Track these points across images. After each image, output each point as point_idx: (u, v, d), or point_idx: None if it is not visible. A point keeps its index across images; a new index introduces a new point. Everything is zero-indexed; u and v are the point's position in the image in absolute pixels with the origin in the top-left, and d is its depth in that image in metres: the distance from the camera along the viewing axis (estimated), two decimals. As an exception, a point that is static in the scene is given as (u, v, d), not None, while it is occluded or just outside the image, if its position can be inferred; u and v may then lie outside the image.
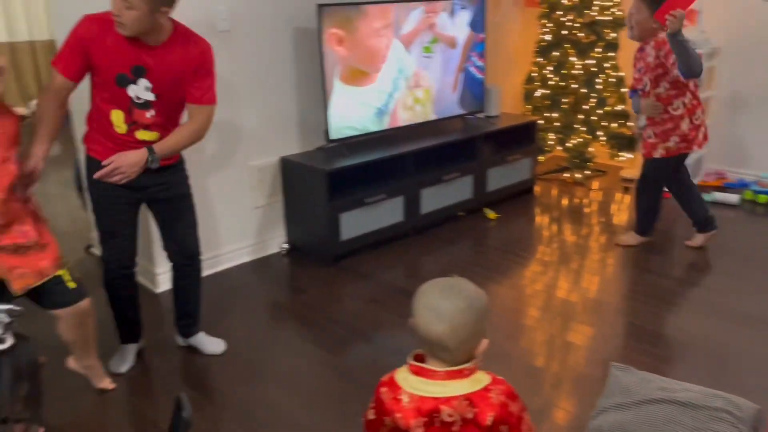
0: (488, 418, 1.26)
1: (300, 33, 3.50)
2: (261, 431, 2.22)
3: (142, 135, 2.25)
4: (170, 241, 2.52)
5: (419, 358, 1.34)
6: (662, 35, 3.09)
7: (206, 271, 3.27)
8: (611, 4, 4.40)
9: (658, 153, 3.33)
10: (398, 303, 3.08)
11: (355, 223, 3.49)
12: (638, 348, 2.66)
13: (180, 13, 2.49)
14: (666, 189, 3.53)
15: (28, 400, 0.84)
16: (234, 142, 3.37)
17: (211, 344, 2.68)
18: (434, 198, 3.87)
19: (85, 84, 2.23)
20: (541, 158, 4.80)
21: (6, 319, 0.83)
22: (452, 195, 3.98)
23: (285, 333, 2.88)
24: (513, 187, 4.38)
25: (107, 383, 2.41)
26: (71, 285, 2.08)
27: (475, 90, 4.26)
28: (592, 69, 4.49)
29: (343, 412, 2.29)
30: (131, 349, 2.60)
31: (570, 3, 4.45)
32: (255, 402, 2.36)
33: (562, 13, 4.49)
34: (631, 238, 3.65)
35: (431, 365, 1.30)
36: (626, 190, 4.55)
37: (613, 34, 4.44)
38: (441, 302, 1.28)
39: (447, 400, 1.27)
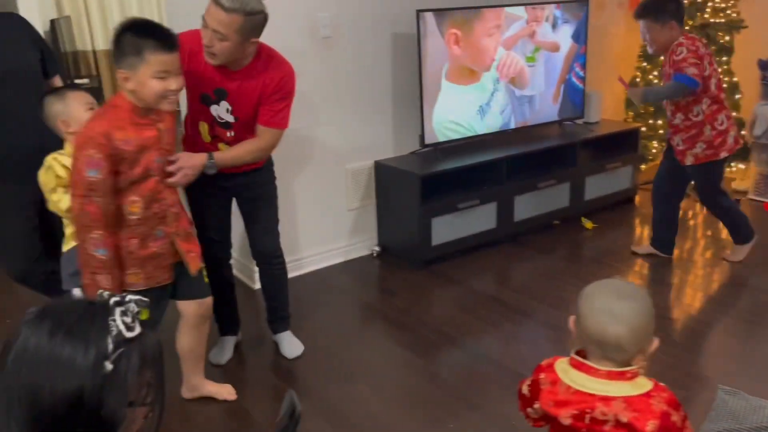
0: (648, 425, 1.23)
1: (399, 38, 3.54)
2: (349, 430, 2.25)
3: (223, 148, 2.35)
4: (251, 239, 2.61)
5: (581, 354, 1.35)
6: (675, 43, 3.01)
7: (298, 271, 3.38)
8: (725, 6, 4.15)
9: (689, 160, 3.18)
10: (489, 310, 3.04)
11: (446, 228, 3.48)
12: (744, 371, 2.48)
13: (284, 21, 2.59)
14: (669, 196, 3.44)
15: (151, 386, 0.89)
16: (331, 145, 3.44)
17: (289, 346, 2.72)
18: (528, 205, 3.79)
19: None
20: (643, 167, 4.58)
21: (135, 308, 0.89)
22: (547, 203, 3.89)
23: (375, 334, 2.91)
24: (612, 196, 4.21)
25: (229, 394, 2.42)
26: (206, 279, 2.23)
27: (574, 96, 4.14)
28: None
29: (432, 417, 2.29)
30: (230, 341, 2.71)
31: (680, 5, 4.23)
32: (344, 401, 2.40)
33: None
34: (739, 253, 3.44)
35: (594, 363, 1.30)
36: (738, 202, 4.26)
37: (727, 37, 4.19)
38: (617, 304, 1.28)
39: (605, 399, 1.26)
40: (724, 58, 4.22)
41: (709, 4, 4.14)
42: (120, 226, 1.96)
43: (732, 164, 4.36)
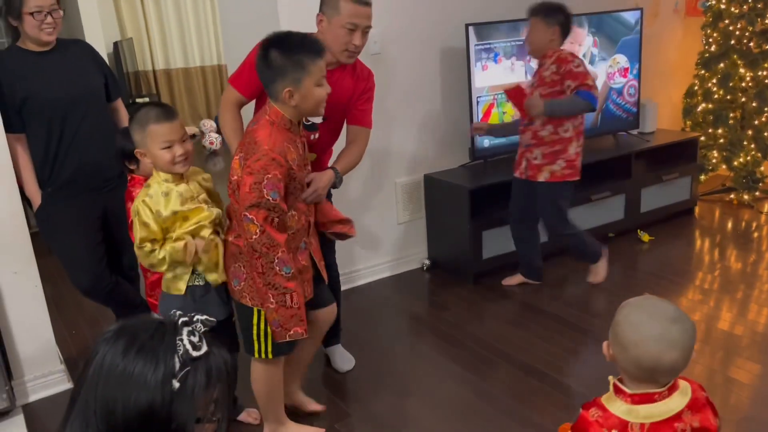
0: (712, 420, 1.28)
1: (447, 52, 3.55)
2: (400, 444, 2.26)
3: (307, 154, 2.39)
4: None
5: (617, 388, 1.30)
6: (565, 51, 2.94)
7: (348, 285, 3.41)
8: (788, 9, 4.00)
9: (543, 176, 3.01)
10: (540, 325, 3.00)
11: (497, 242, 3.45)
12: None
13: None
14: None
15: (219, 403, 0.94)
16: (383, 160, 3.47)
17: (340, 359, 2.74)
18: (582, 218, 3.70)
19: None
20: (702, 178, 4.44)
21: (202, 328, 0.93)
22: (602, 215, 3.81)
23: (425, 348, 2.90)
24: (670, 207, 4.09)
25: (317, 406, 2.43)
26: None
27: (628, 106, 4.05)
28: (765, 81, 4.09)
29: (483, 434, 2.27)
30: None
31: (739, 11, 4.10)
32: (395, 415, 2.40)
33: (728, 21, 4.15)
34: (598, 273, 3.29)
35: (644, 388, 1.27)
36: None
37: (789, 43, 4.03)
38: (669, 329, 1.24)
39: (678, 417, 1.25)
40: (788, 64, 4.06)
41: (770, 8, 4.00)
42: None
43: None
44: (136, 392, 0.88)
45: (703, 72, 4.37)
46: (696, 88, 4.44)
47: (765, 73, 4.08)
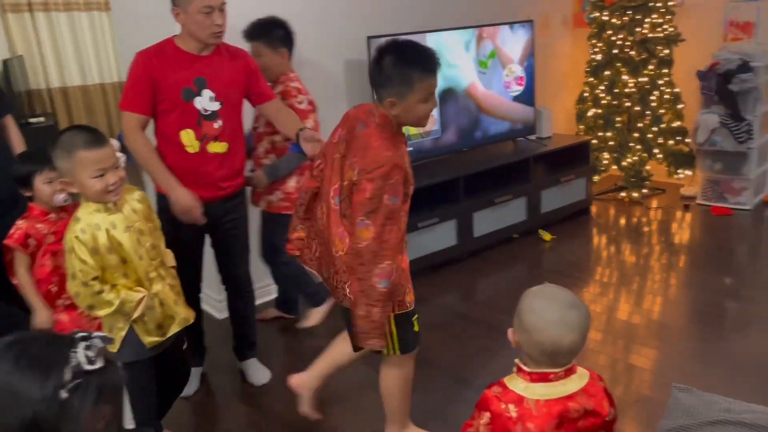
0: (605, 406, 1.37)
1: (352, 64, 3.61)
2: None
3: (213, 147, 2.38)
4: (226, 268, 2.63)
5: (519, 368, 1.38)
6: (292, 83, 2.76)
7: (263, 298, 3.37)
8: (663, 21, 4.35)
9: (262, 205, 2.85)
10: (457, 327, 3.09)
11: (408, 247, 3.51)
12: (703, 370, 2.58)
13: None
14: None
15: (110, 422, 0.92)
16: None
17: (256, 373, 2.73)
18: (487, 221, 3.87)
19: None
20: (596, 178, 4.73)
21: (100, 344, 0.92)
22: (506, 217, 3.98)
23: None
24: (568, 207, 4.33)
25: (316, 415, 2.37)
26: None
27: (525, 112, 4.27)
28: (646, 86, 4.43)
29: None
30: (196, 373, 2.69)
31: (620, 22, 4.42)
32: (315, 427, 2.40)
33: (611, 32, 4.47)
34: (313, 318, 2.86)
35: (539, 370, 1.35)
36: (686, 207, 4.44)
37: (666, 51, 4.38)
38: (568, 314, 1.33)
39: (571, 397, 1.33)
40: (665, 71, 4.41)
41: (647, 20, 4.33)
42: None
43: (679, 171, 4.53)
44: (21, 404, 0.85)
45: (591, 79, 4.67)
46: (586, 94, 4.74)
47: (645, 79, 4.42)
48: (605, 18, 4.48)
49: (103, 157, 1.77)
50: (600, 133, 4.65)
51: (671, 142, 4.51)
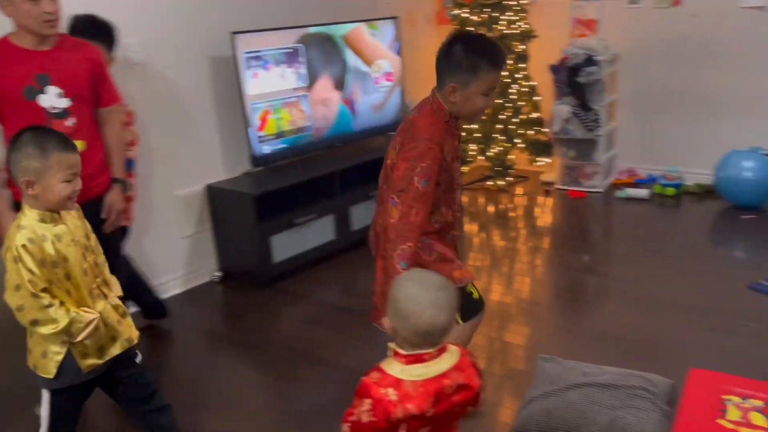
0: (475, 379, 1.44)
1: (216, 61, 3.50)
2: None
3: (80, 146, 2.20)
4: None
5: (396, 352, 1.41)
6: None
7: (136, 306, 3.19)
8: (518, 18, 4.61)
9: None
10: (337, 320, 3.09)
11: (286, 245, 3.49)
12: (567, 340, 2.78)
13: (90, 44, 2.47)
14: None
15: None
16: (157, 172, 3.31)
17: None
18: (365, 214, 3.91)
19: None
20: (465, 169, 4.94)
21: None
22: (382, 210, 4.04)
23: (225, 360, 2.83)
24: (440, 198, 4.47)
25: None
26: None
27: (396, 107, 4.36)
28: (506, 80, 4.68)
29: (288, 433, 2.28)
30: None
31: (479, 19, 4.63)
32: (197, 429, 2.31)
33: (472, 29, 4.67)
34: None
35: (414, 352, 1.38)
36: (547, 193, 4.75)
37: (522, 46, 4.65)
38: (438, 295, 1.37)
39: (445, 375, 1.38)
40: (522, 65, 4.69)
41: (503, 17, 4.57)
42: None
43: (539, 159, 4.84)
44: None
45: (456, 74, 4.84)
46: (452, 89, 4.91)
47: (505, 73, 4.67)
48: (465, 15, 4.68)
49: (76, 162, 1.72)
50: (466, 125, 4.85)
51: (531, 132, 4.80)
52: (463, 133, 4.75)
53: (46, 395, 1.79)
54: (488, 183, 4.91)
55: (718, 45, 4.30)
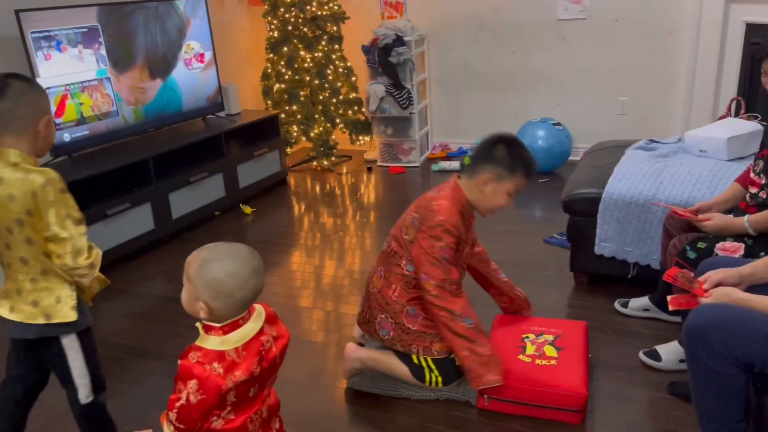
0: (283, 326, 1.48)
1: (2, 42, 3.13)
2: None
3: None
4: None
5: (207, 327, 1.36)
6: None
7: None
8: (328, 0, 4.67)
9: None
10: (164, 312, 2.94)
11: (101, 238, 3.21)
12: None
13: None
14: None
15: None
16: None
17: None
18: (185, 201, 3.75)
19: None
20: (289, 150, 4.92)
21: None
22: (204, 196, 3.90)
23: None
24: (265, 180, 4.43)
25: None
26: None
27: (211, 90, 4.21)
28: (322, 61, 4.73)
29: None
30: None
31: (290, 0, 4.61)
32: None
33: (284, 9, 4.65)
34: None
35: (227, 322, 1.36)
36: (370, 170, 4.90)
37: (335, 28, 4.72)
38: (253, 261, 1.35)
39: (261, 332, 1.39)
40: (336, 47, 4.76)
41: (315, -1, 4.61)
42: None
43: (360, 138, 4.97)
44: None
45: (272, 56, 4.81)
46: (269, 70, 4.87)
47: (321, 54, 4.71)
48: (277, -4, 4.64)
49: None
50: (287, 107, 4.84)
51: (350, 112, 4.91)
52: (282, 115, 4.75)
53: (73, 341, 1.74)
54: (313, 164, 4.95)
55: (511, 28, 4.71)
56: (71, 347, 1.74)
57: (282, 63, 4.75)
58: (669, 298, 1.76)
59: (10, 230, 1.61)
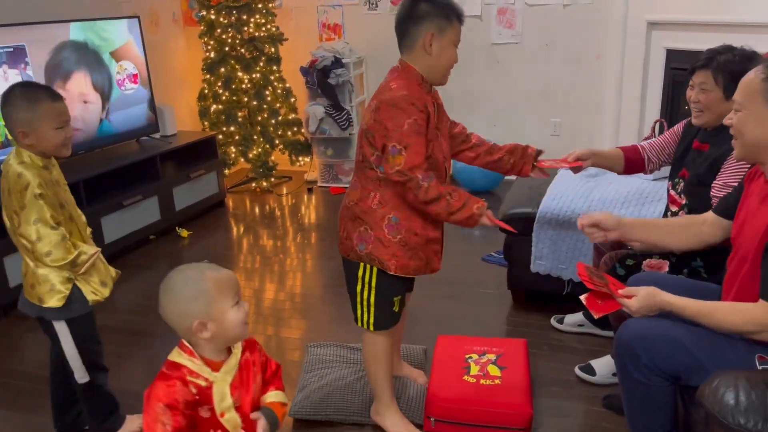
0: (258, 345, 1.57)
1: None
2: None
3: None
4: None
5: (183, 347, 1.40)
6: None
7: None
8: (265, 21, 4.66)
9: None
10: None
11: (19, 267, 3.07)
12: (339, 327, 2.88)
13: None
14: None
15: None
16: None
17: None
18: (118, 225, 3.63)
19: None
20: (227, 172, 4.85)
21: None
22: (138, 219, 3.79)
23: (-47, 407, 2.41)
24: (203, 202, 4.34)
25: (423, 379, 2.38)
26: None
27: (144, 111, 4.12)
28: (260, 82, 4.70)
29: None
30: None
31: (227, 21, 4.58)
32: None
33: (221, 30, 4.61)
34: None
35: None
36: (310, 191, 4.88)
37: (273, 49, 4.71)
38: (222, 270, 1.41)
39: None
40: (275, 67, 4.75)
41: (252, 20, 4.58)
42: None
43: (299, 159, 4.95)
44: None
45: (209, 76, 4.74)
46: (206, 91, 4.80)
47: (258, 75, 4.68)
48: (213, 17, 4.59)
49: (65, 110, 1.85)
50: (224, 128, 4.77)
51: (289, 133, 4.88)
52: (220, 136, 4.68)
53: (62, 326, 1.91)
54: (252, 185, 4.89)
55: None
56: (62, 332, 1.92)
57: (219, 84, 4.70)
58: (583, 297, 1.71)
59: (11, 218, 1.84)
